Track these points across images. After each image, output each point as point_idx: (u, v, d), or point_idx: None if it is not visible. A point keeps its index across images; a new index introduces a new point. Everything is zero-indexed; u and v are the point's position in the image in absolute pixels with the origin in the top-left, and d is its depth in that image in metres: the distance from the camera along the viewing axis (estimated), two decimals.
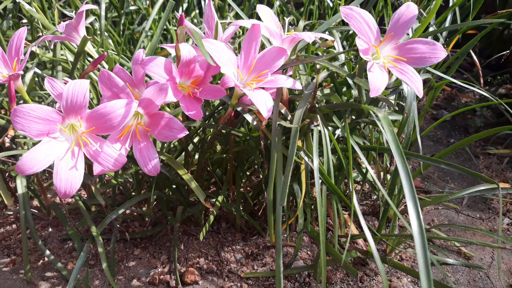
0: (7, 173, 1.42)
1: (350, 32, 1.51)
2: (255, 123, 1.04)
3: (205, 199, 0.98)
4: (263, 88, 0.89)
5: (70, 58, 1.43)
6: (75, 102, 0.78)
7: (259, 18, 0.98)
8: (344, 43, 1.54)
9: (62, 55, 1.47)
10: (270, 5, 2.29)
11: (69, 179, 0.79)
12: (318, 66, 0.84)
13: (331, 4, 2.11)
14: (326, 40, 0.94)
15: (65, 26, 1.09)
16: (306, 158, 0.96)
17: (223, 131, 1.09)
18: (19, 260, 1.22)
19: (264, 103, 0.81)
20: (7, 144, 1.24)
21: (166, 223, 1.25)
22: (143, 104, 0.87)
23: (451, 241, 1.25)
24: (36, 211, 1.37)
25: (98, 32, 1.80)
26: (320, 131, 0.94)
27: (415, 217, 0.70)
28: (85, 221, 1.17)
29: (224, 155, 1.13)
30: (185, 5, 2.19)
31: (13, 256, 1.25)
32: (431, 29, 1.20)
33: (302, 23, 1.06)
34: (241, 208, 1.24)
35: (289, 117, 0.96)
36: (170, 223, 1.22)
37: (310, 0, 2.00)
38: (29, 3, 1.47)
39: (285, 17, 1.07)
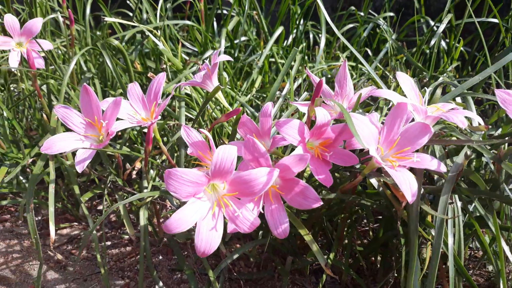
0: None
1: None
2: (380, 189, 1.02)
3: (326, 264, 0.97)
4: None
5: (193, 94, 1.50)
6: (223, 167, 0.81)
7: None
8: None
9: (185, 88, 1.55)
10: (381, 42, 2.25)
11: (209, 240, 0.82)
12: (468, 153, 0.80)
13: (445, 46, 2.03)
14: (470, 119, 0.90)
15: (202, 76, 1.14)
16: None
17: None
18: (132, 285, 1.30)
19: (408, 186, 0.79)
20: (133, 176, 1.33)
21: (273, 270, 1.27)
22: (280, 168, 0.89)
23: None
24: (149, 236, 1.45)
25: None
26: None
27: None
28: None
29: (342, 215, 1.12)
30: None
31: (126, 279, 1.32)
32: None
33: (439, 91, 1.02)
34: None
35: (422, 190, 0.93)
36: (277, 271, 1.24)
37: (423, 40, 1.94)
38: (157, 37, 1.57)
39: (425, 88, 1.04)
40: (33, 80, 1.24)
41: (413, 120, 0.93)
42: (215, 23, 2.11)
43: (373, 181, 1.03)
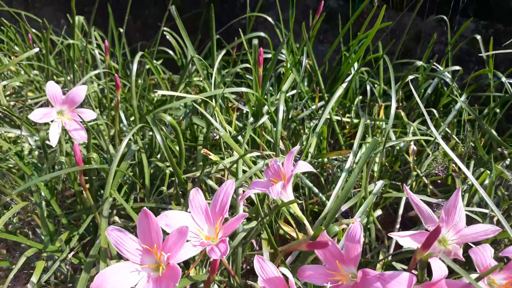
0: None
1: None
2: None
3: None
4: None
5: None
6: None
7: None
8: None
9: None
10: (442, 94, 2.04)
11: None
12: None
13: None
14: None
15: (280, 189, 0.97)
16: None
17: None
18: None
19: None
20: None
21: None
22: None
23: None
24: None
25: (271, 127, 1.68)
26: None
27: None
28: None
29: None
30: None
31: None
32: None
33: None
34: None
35: None
36: None
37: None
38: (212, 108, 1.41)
39: None
40: (79, 175, 1.09)
41: None
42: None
43: None
